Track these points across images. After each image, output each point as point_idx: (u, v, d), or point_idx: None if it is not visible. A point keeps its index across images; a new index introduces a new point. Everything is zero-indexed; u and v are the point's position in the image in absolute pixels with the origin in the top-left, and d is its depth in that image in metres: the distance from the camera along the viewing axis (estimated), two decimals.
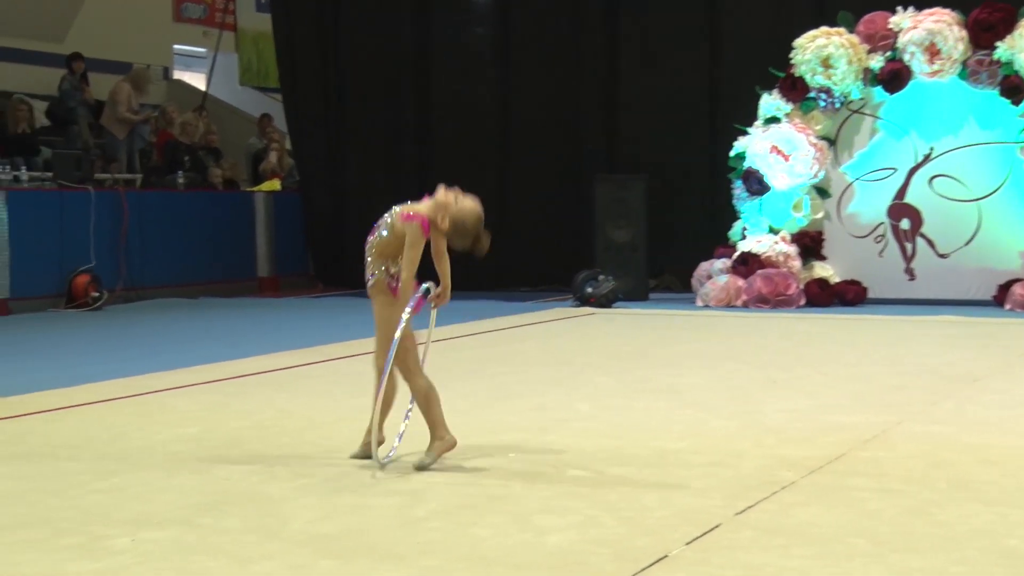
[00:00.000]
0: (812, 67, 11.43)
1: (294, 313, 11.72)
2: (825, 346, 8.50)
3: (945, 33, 11.00)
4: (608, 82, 13.55)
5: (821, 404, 6.00)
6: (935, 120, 11.40)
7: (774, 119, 11.63)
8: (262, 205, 14.32)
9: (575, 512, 3.94)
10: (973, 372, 7.05)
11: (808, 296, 11.26)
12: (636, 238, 12.01)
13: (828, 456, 4.77)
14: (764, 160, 11.49)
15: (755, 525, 3.78)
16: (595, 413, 5.83)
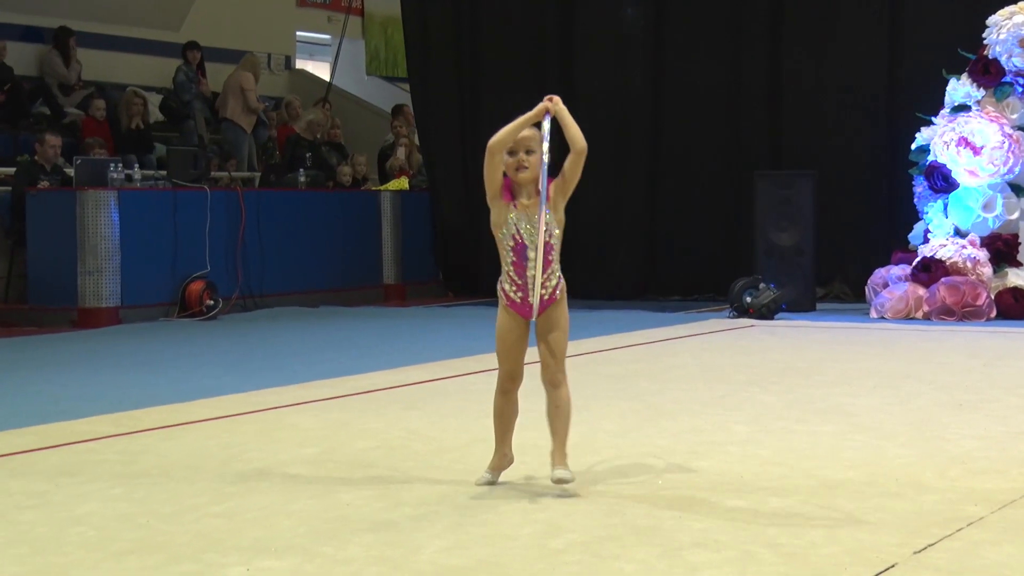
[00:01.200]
0: (1009, 48, 11.21)
1: (423, 324, 11.86)
2: (1019, 365, 8.28)
3: None
4: (772, 68, 13.42)
5: (1014, 431, 5.86)
6: None
7: (963, 107, 11.42)
8: (388, 206, 14.49)
9: (731, 547, 3.92)
10: None
11: (1000, 308, 11.00)
12: (802, 241, 11.87)
13: (1022, 489, 4.65)
14: (951, 154, 11.28)
15: (936, 566, 3.71)
16: (755, 436, 5.79)
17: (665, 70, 13.88)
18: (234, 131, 15.40)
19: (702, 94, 13.61)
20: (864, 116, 12.98)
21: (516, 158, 4.69)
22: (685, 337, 10.02)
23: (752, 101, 13.52)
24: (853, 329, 10.54)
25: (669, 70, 13.85)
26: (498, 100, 14.50)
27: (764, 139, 13.43)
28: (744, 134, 13.52)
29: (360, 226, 14.13)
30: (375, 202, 14.48)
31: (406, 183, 15.20)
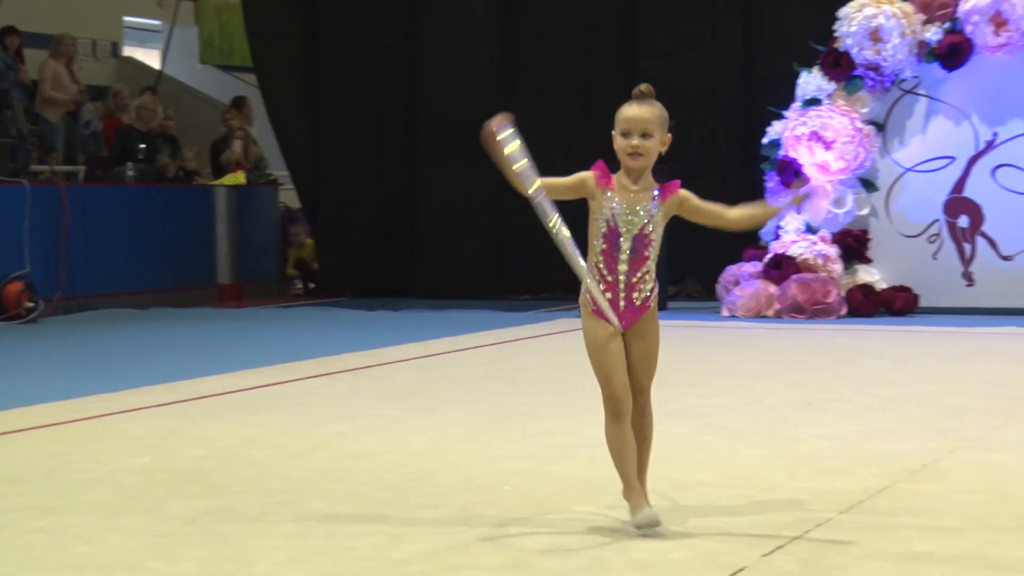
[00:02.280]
0: (859, 41, 11.49)
1: (261, 325, 11.76)
2: (869, 363, 8.53)
3: (1014, 0, 11.06)
4: (626, 60, 13.59)
5: (864, 430, 6.04)
6: (1000, 101, 11.46)
7: (814, 101, 11.68)
8: (224, 202, 14.32)
9: (579, 553, 3.97)
10: None
11: (850, 305, 11.30)
12: None
13: (871, 489, 4.80)
14: (802, 148, 11.54)
15: (785, 569, 3.81)
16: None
17: (516, 60, 13.96)
18: (43, 122, 15.06)
19: (555, 87, 13.73)
20: (717, 110, 13.22)
21: (629, 141, 4.31)
22: (536, 337, 10.10)
23: (605, 94, 13.66)
24: (705, 328, 10.74)
25: (520, 61, 13.93)
26: (345, 89, 14.44)
27: None
28: (597, 126, 13.63)
29: (193, 223, 13.94)
30: (209, 198, 14.30)
31: (243, 178, 15.03)
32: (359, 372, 8.17)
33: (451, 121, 14.02)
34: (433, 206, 14.12)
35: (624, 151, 4.31)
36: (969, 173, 11.54)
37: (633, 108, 4.34)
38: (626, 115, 4.33)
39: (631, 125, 4.30)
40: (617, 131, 4.32)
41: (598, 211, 4.32)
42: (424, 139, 14.23)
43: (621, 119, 4.33)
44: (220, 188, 14.55)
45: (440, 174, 14.05)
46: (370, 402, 6.99)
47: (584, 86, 13.74)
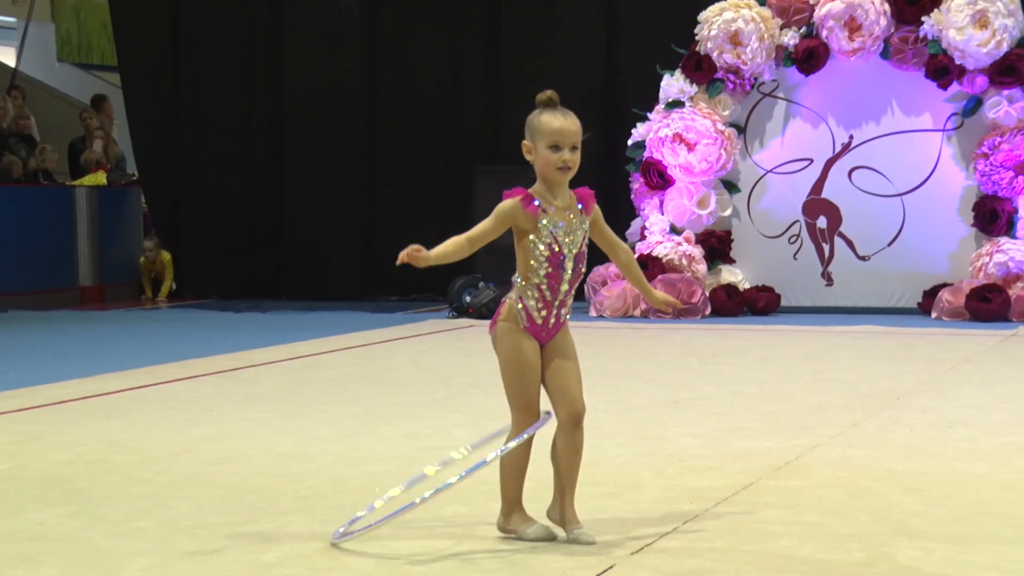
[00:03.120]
0: (719, 44, 11.65)
1: (124, 328, 11.56)
2: (733, 361, 8.66)
3: (866, 7, 11.31)
4: (491, 62, 13.63)
5: (729, 427, 6.12)
6: (855, 105, 11.71)
7: (677, 103, 11.82)
8: (84, 203, 14.07)
9: (449, 555, 3.97)
10: (897, 389, 7.25)
11: (714, 304, 11.46)
12: None
13: (736, 486, 4.86)
14: (666, 150, 11.67)
15: (653, 565, 3.84)
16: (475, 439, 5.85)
17: (382, 62, 13.92)
18: None
19: (421, 88, 13.71)
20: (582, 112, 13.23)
21: (560, 155, 4.11)
22: (404, 338, 10.07)
23: (471, 96, 13.69)
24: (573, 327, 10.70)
25: (386, 62, 13.89)
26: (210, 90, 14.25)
27: (484, 133, 13.61)
28: (464, 129, 13.67)
29: (53, 224, 13.66)
30: (69, 198, 14.02)
31: (103, 178, 14.76)
32: (225, 375, 8.07)
33: (317, 124, 13.95)
34: (301, 208, 14.02)
35: (554, 165, 4.11)
36: (827, 175, 11.77)
37: (559, 119, 4.15)
38: (554, 127, 4.13)
39: (560, 138, 4.11)
40: (542, 144, 4.12)
41: (535, 236, 4.12)
42: (290, 142, 14.11)
43: (547, 131, 4.12)
44: (81, 188, 14.29)
45: (307, 177, 13.96)
46: (236, 405, 6.90)
47: (449, 88, 13.73)
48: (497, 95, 13.62)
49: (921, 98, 11.52)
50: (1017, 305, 10.74)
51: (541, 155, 4.13)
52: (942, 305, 11.02)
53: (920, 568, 3.81)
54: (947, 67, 11.21)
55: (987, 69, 11.15)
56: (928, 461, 5.34)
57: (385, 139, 13.92)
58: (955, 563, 3.85)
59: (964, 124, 11.37)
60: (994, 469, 5.19)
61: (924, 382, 7.56)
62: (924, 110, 11.55)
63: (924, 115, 11.55)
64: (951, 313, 10.94)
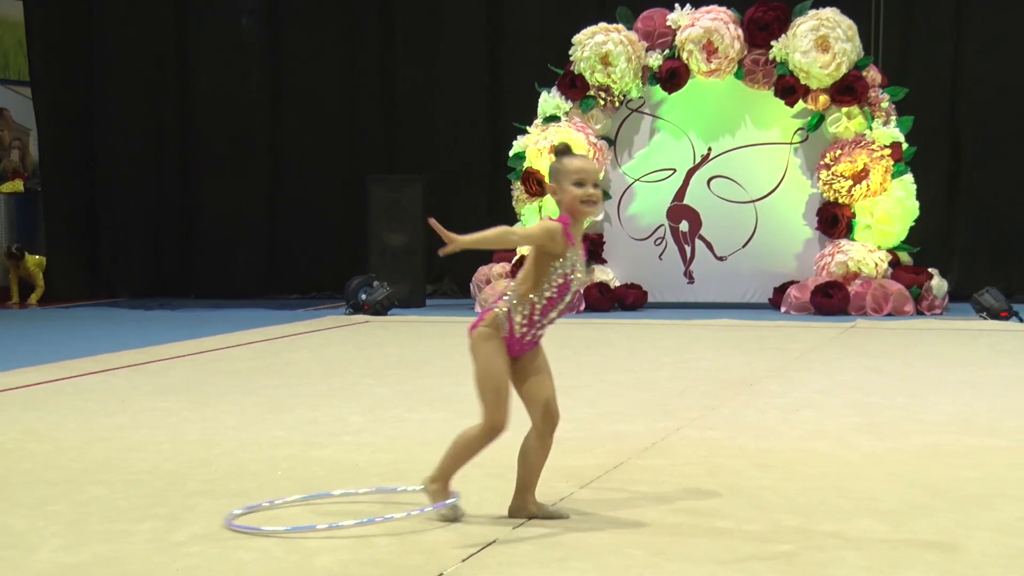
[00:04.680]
0: (591, 64, 11.71)
1: (39, 325, 11.30)
2: (605, 352, 8.71)
3: (722, 31, 11.44)
4: (385, 77, 13.57)
5: (602, 412, 6.15)
6: (713, 120, 11.84)
7: (554, 117, 11.86)
8: (3, 208, 13.76)
9: (347, 532, 3.93)
10: (750, 376, 7.35)
11: (588, 301, 11.53)
12: (413, 242, 12.06)
13: (607, 465, 4.89)
14: (543, 160, 11.70)
15: (532, 539, 3.85)
16: (370, 426, 5.83)
17: (283, 76, 13.78)
18: None
19: (320, 101, 13.60)
20: (469, 125, 13.31)
21: (585, 190, 4.05)
22: (304, 334, 9.97)
23: (367, 108, 13.62)
24: (461, 323, 10.76)
25: (287, 76, 13.76)
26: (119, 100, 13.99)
27: (378, 144, 13.56)
28: (360, 139, 13.60)
29: None
30: None
31: (20, 185, 14.40)
32: (136, 368, 7.93)
33: (223, 132, 13.78)
34: (207, 212, 13.84)
35: (579, 199, 4.05)
36: (688, 183, 11.89)
37: (578, 160, 4.12)
38: (576, 166, 4.08)
39: (585, 175, 4.06)
40: (567, 182, 4.05)
41: (559, 262, 4.05)
42: (197, 148, 13.93)
43: (571, 170, 4.07)
44: None
45: (213, 182, 13.78)
46: (147, 396, 6.78)
47: (346, 102, 13.65)
48: (390, 109, 13.58)
49: (771, 114, 11.69)
50: (855, 300, 10.94)
51: (568, 192, 4.08)
52: (790, 300, 11.20)
53: (768, 537, 3.86)
54: (794, 86, 11.39)
55: (828, 88, 11.34)
56: (777, 441, 5.41)
57: (286, 148, 13.79)
58: (802, 532, 3.91)
59: (809, 138, 11.56)
60: (835, 447, 5.28)
61: (774, 370, 7.67)
62: (774, 125, 11.71)
63: (774, 129, 11.71)
64: (798, 308, 11.12)
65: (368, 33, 13.59)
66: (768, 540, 3.82)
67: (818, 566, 3.56)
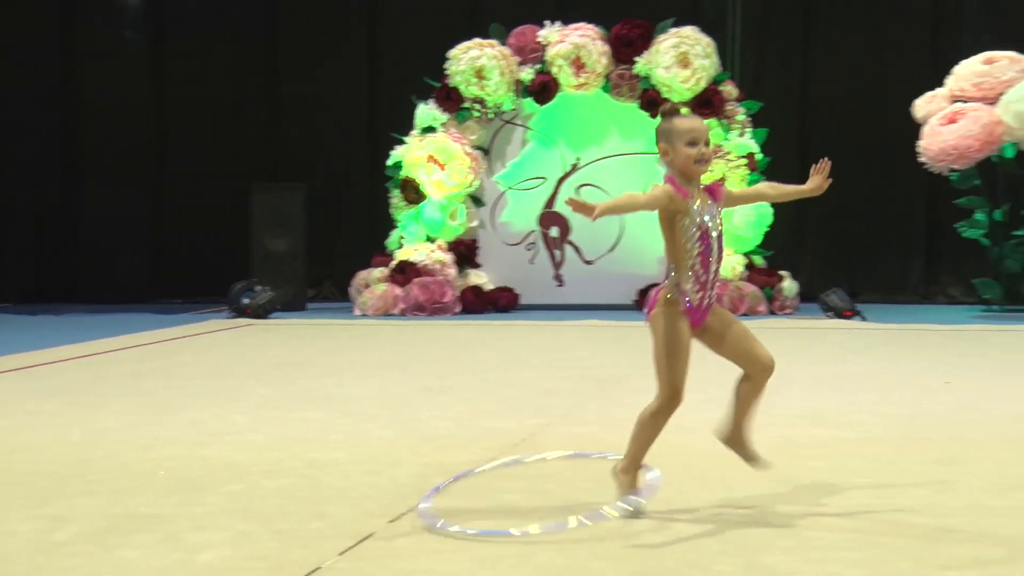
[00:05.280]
0: (466, 78, 11.73)
1: None
2: (479, 352, 8.73)
3: (590, 47, 11.56)
4: (269, 88, 13.43)
5: (476, 410, 6.16)
6: (582, 131, 11.95)
7: (430, 128, 11.85)
8: None
9: (228, 528, 3.88)
10: (617, 374, 7.43)
11: (464, 303, 11.54)
12: (295, 247, 11.95)
13: (482, 461, 4.89)
14: (421, 169, 11.69)
15: (409, 532, 3.84)
16: (253, 425, 5.76)
17: (169, 85, 13.55)
18: None
19: (205, 110, 13.40)
20: (349, 135, 13.25)
21: (698, 149, 3.94)
22: (188, 337, 9.81)
23: (252, 118, 13.46)
24: (340, 325, 10.72)
25: (173, 85, 13.53)
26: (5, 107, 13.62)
27: (261, 152, 13.41)
28: (244, 149, 13.43)
29: None
30: None
31: None
32: (21, 372, 7.72)
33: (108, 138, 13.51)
34: (92, 217, 13.53)
35: (693, 159, 3.94)
36: (558, 191, 11.98)
37: (689, 120, 4.01)
38: (689, 126, 3.97)
39: (697, 135, 3.95)
40: (680, 142, 3.94)
41: (686, 218, 3.96)
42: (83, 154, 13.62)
43: (684, 130, 3.95)
44: None
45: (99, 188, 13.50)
46: (31, 399, 6.61)
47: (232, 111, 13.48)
48: (275, 119, 13.44)
49: (636, 126, 11.83)
50: None
51: (680, 152, 3.97)
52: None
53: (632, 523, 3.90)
54: (656, 100, 11.55)
55: (689, 102, 11.52)
56: None
57: (172, 155, 13.56)
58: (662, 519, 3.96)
59: None
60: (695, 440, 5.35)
61: (639, 367, 7.74)
62: (639, 136, 11.86)
63: (639, 140, 11.86)
64: None
65: (253, 45, 13.44)
66: (632, 528, 3.86)
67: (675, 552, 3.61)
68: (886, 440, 5.33)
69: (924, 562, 3.53)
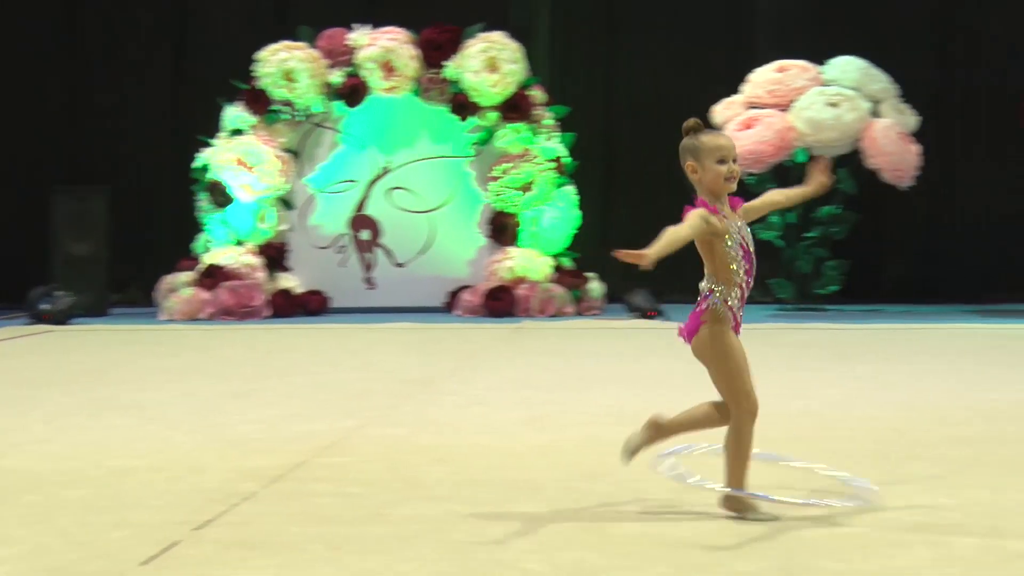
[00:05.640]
0: (275, 80, 11.58)
1: None
2: (289, 356, 8.63)
3: (399, 51, 11.55)
4: (72, 88, 13.00)
5: (285, 414, 6.09)
6: (392, 135, 11.92)
7: (239, 131, 11.66)
8: None
9: (24, 541, 3.73)
10: (428, 375, 7.44)
11: (274, 307, 11.38)
12: (97, 251, 11.59)
13: (290, 464, 4.84)
14: (229, 172, 11.49)
15: (215, 539, 3.77)
16: (52, 435, 5.56)
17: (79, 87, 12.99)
18: None
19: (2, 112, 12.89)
20: (154, 137, 12.93)
21: (728, 166, 3.95)
22: None
23: (53, 121, 13.00)
24: (145, 331, 10.44)
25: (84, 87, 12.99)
26: None
27: (62, 154, 12.97)
28: (44, 152, 12.97)
29: None
30: None
31: None
32: None
33: None
34: None
35: (723, 176, 3.95)
36: (369, 194, 11.92)
37: (717, 136, 4.03)
38: (718, 143, 3.98)
39: (727, 152, 3.97)
40: (710, 160, 3.94)
41: (725, 236, 3.96)
42: None
43: (714, 147, 3.96)
44: None
45: None
46: None
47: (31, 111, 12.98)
48: (77, 121, 13.01)
49: (446, 129, 11.87)
50: (522, 303, 11.24)
51: (710, 170, 3.96)
52: (463, 303, 11.41)
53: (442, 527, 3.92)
54: (466, 104, 11.61)
55: (498, 106, 11.63)
56: (452, 436, 5.50)
57: None
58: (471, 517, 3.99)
59: (481, 152, 11.81)
60: (503, 440, 5.42)
61: (449, 369, 7.80)
62: (449, 140, 11.90)
63: (449, 143, 11.90)
64: (470, 310, 11.33)
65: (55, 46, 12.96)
66: (441, 530, 3.88)
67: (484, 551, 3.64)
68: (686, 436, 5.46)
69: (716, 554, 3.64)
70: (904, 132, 11.22)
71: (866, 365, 7.86)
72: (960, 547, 3.65)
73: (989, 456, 5.01)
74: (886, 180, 11.13)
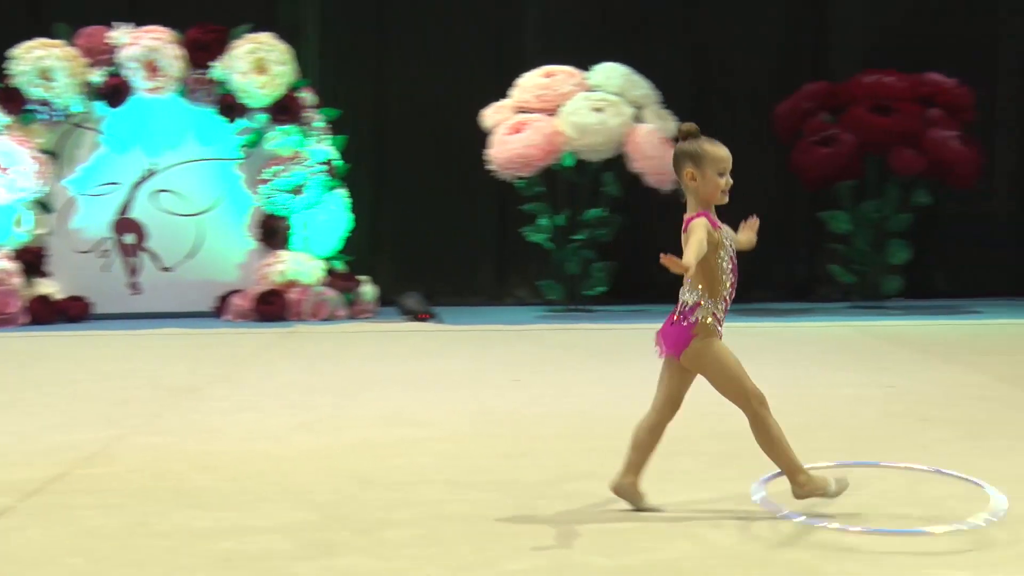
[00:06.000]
0: (30, 79, 11.12)
1: None
2: (49, 365, 8.28)
3: (163, 50, 11.24)
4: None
5: (44, 425, 5.85)
6: (157, 136, 11.59)
7: None
8: None
9: None
10: (195, 382, 7.26)
11: (32, 314, 10.91)
12: None
13: (49, 477, 4.66)
14: None
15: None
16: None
17: None
18: None
19: None
20: None
21: (725, 179, 3.93)
22: None
23: None
24: None
25: None
26: None
27: None
28: None
29: None
30: None
31: None
32: None
33: None
34: None
35: (720, 189, 3.93)
36: (134, 197, 11.56)
37: (719, 148, 3.96)
38: (721, 154, 3.94)
39: (727, 164, 3.94)
40: (712, 170, 3.91)
41: (721, 250, 3.95)
42: None
43: (715, 157, 3.92)
44: None
45: None
46: None
47: None
48: None
49: (214, 131, 11.62)
50: (294, 307, 11.10)
51: (710, 180, 3.92)
52: (233, 308, 11.19)
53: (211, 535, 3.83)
54: (234, 105, 11.39)
55: (267, 108, 11.45)
56: (221, 443, 5.39)
57: None
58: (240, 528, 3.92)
59: (250, 154, 11.61)
60: (274, 446, 5.34)
61: (218, 375, 7.63)
62: (217, 141, 11.65)
63: (216, 145, 11.65)
64: (240, 314, 11.12)
65: None
66: (210, 539, 3.79)
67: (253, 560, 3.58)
68: (458, 437, 5.52)
69: (487, 554, 3.68)
70: (665, 137, 11.59)
71: (630, 365, 8.08)
72: (716, 539, 3.80)
73: (747, 451, 5.23)
74: (649, 184, 11.47)
